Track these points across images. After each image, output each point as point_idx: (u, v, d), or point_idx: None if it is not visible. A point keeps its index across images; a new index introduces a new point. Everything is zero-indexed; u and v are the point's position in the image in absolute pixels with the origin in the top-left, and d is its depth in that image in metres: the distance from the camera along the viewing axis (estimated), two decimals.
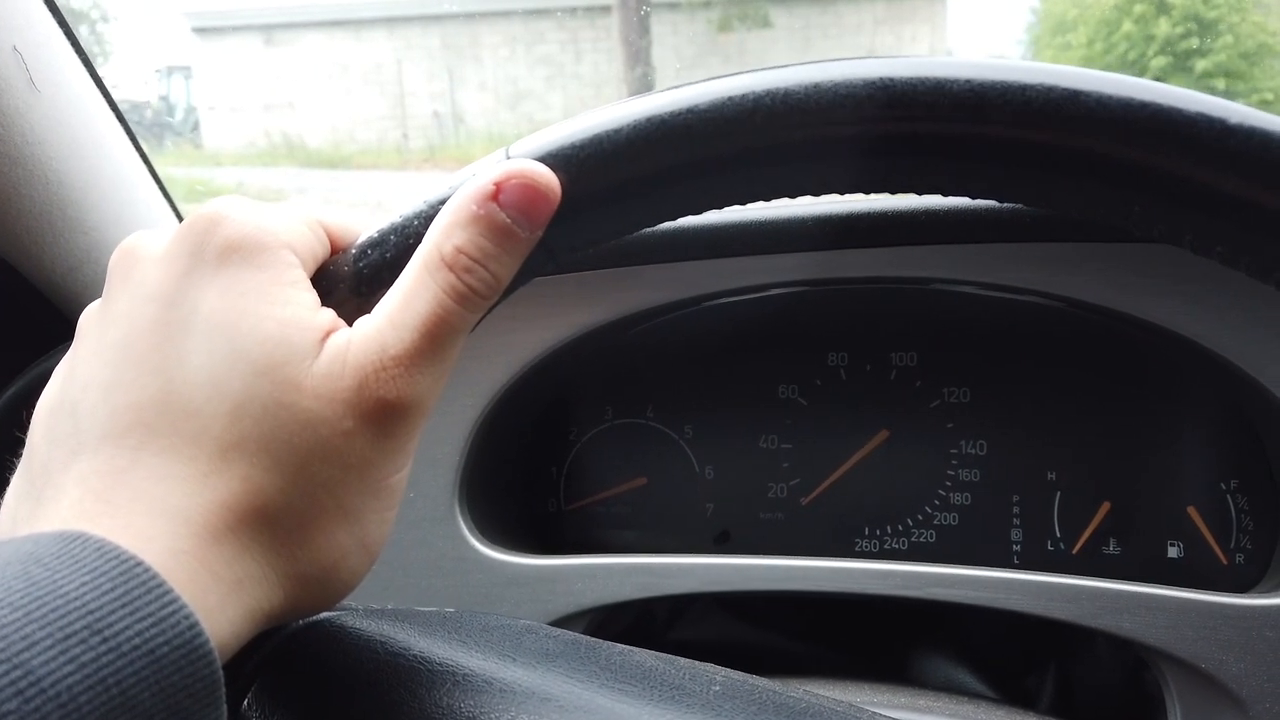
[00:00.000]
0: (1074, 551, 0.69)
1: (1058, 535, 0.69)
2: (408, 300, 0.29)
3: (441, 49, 13.78)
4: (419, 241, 0.31)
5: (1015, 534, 0.70)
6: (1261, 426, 0.62)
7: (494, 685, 0.32)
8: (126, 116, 0.70)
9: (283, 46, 13.64)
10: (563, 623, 0.63)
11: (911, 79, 0.28)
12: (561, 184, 0.30)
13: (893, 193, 0.31)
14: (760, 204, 0.63)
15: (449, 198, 0.30)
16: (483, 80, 13.82)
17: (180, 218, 0.80)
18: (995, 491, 0.71)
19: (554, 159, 0.30)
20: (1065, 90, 0.27)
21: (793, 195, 0.32)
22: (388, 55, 13.60)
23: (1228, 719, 0.55)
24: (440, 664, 0.33)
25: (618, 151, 0.30)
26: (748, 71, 0.29)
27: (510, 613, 0.63)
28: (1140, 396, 0.68)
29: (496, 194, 0.29)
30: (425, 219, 0.31)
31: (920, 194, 0.31)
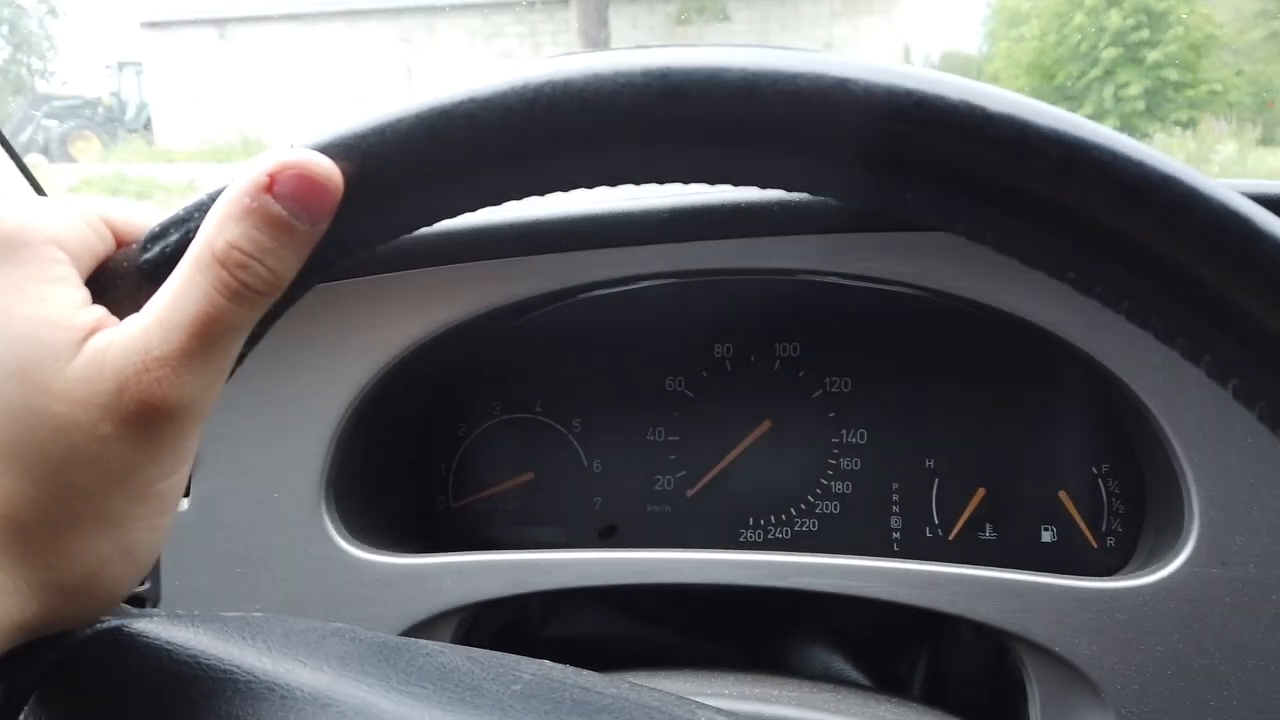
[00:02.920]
0: (950, 538, 0.69)
1: (936, 522, 0.70)
2: (176, 298, 0.28)
3: (400, 43, 13.64)
4: None
5: (895, 521, 0.71)
6: (1123, 413, 0.63)
7: (275, 691, 0.31)
8: (79, 113, 0.68)
9: (238, 40, 13.42)
10: (434, 622, 0.62)
11: (688, 68, 0.27)
12: (346, 174, 0.29)
13: (686, 184, 0.30)
14: (622, 195, 0.63)
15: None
16: (442, 73, 13.66)
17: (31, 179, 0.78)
18: (876, 479, 0.71)
19: (336, 149, 0.29)
20: (834, 78, 0.27)
21: (589, 186, 0.31)
22: (345, 49, 13.45)
23: (1083, 701, 0.56)
24: (225, 670, 0.32)
25: (401, 141, 0.29)
26: (537, 60, 0.29)
27: (377, 614, 0.62)
28: (1014, 384, 0.69)
29: (271, 185, 0.28)
30: (207, 210, 0.30)
31: (711, 185, 0.30)
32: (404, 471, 0.75)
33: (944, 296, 0.60)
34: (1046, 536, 0.68)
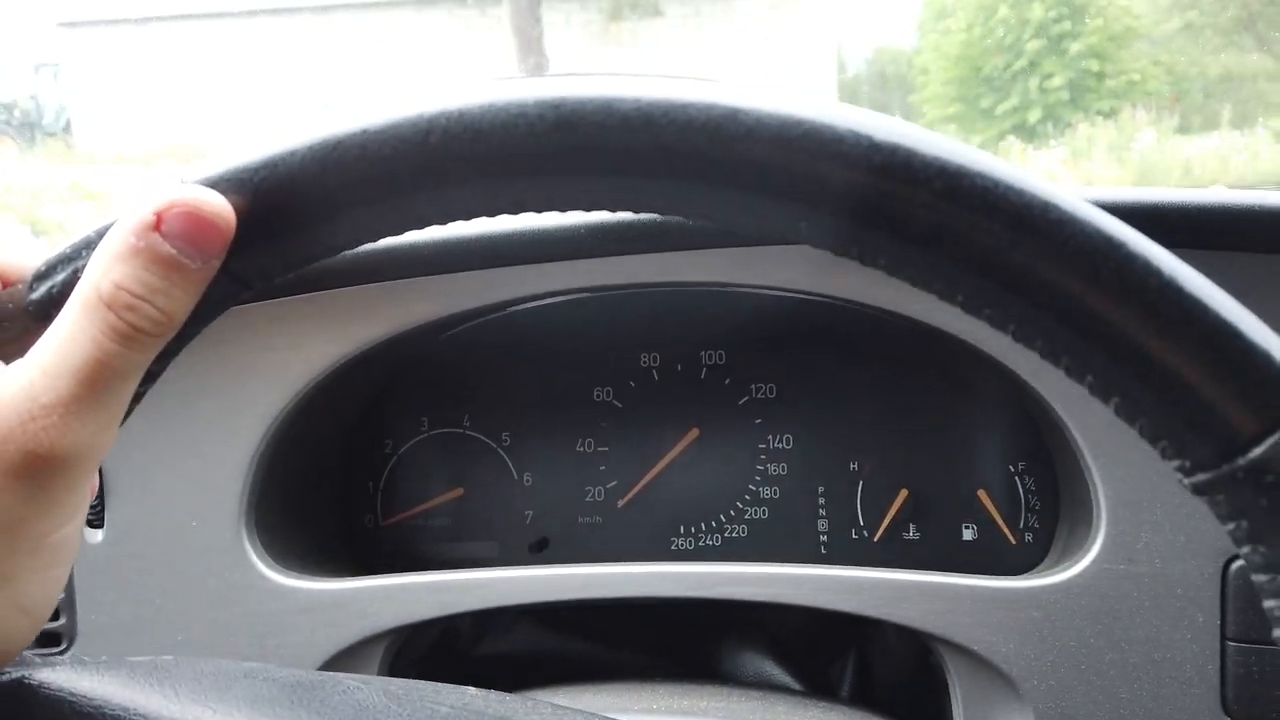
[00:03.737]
0: (875, 539, 0.71)
1: (861, 524, 0.71)
2: (62, 343, 0.27)
3: (329, 40, 13.35)
4: None
5: (822, 525, 0.72)
6: (1035, 415, 0.65)
7: None
8: None
9: (161, 40, 13.00)
10: (362, 646, 0.61)
11: (581, 99, 0.27)
12: (239, 208, 0.28)
13: (586, 211, 0.30)
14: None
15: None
16: (373, 71, 13.45)
17: None
18: (802, 484, 0.72)
19: (228, 183, 0.28)
20: (724, 108, 0.27)
21: (488, 214, 0.31)
22: (274, 47, 13.14)
23: (1003, 697, 0.57)
24: (131, 714, 0.32)
25: (294, 173, 0.28)
26: (431, 93, 0.29)
27: (304, 640, 0.61)
28: (932, 388, 0.70)
29: (158, 224, 0.27)
30: (95, 248, 0.29)
31: (611, 212, 0.30)
32: (331, 491, 0.73)
33: (861, 306, 0.61)
34: (968, 534, 0.70)
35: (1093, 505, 0.57)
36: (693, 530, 0.74)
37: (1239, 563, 0.54)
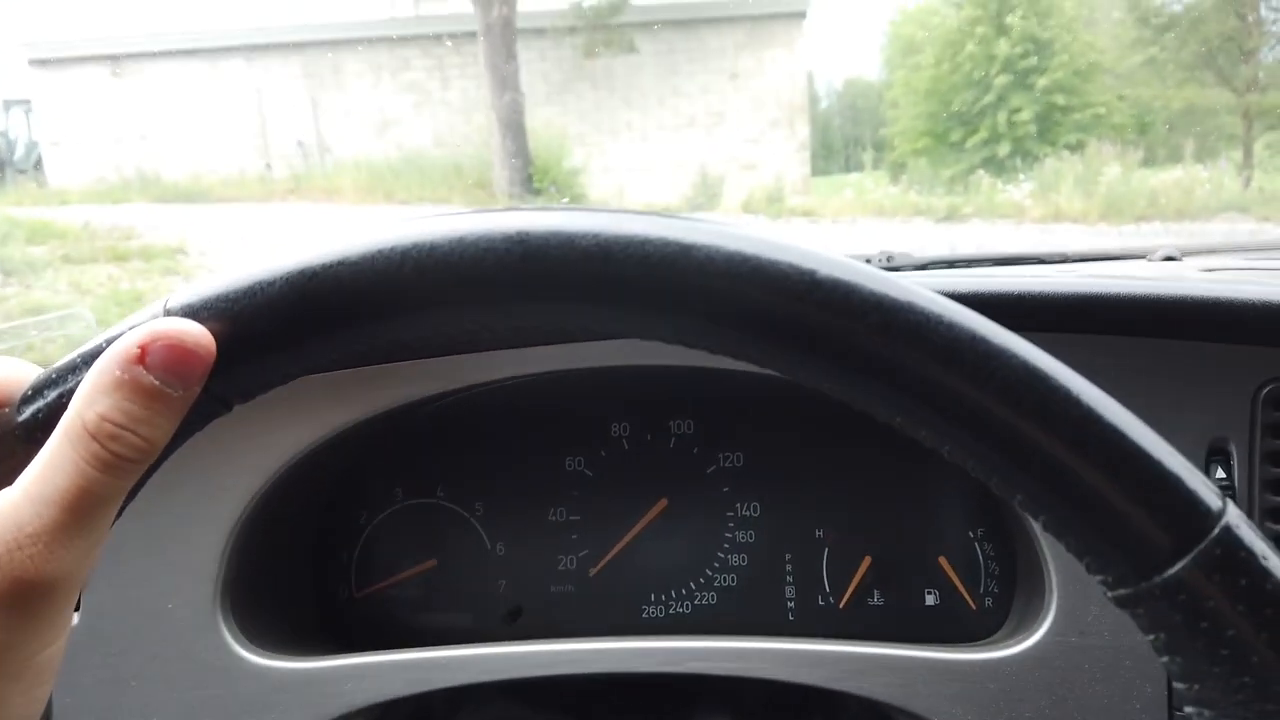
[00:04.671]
0: (841, 605, 0.72)
1: (827, 590, 0.73)
2: (47, 472, 0.28)
3: (303, 78, 13.38)
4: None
5: (789, 591, 0.74)
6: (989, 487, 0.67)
7: None
8: None
9: (132, 78, 12.95)
10: None
11: (545, 232, 0.29)
12: (220, 335, 0.29)
13: (550, 338, 0.32)
14: None
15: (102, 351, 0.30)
16: (348, 108, 13.47)
17: None
18: (769, 551, 0.74)
19: (209, 311, 0.30)
20: (677, 244, 0.29)
21: (458, 336, 0.33)
22: (247, 84, 13.12)
23: None
24: None
25: (272, 302, 0.30)
26: (403, 221, 0.31)
27: (280, 719, 0.62)
28: (894, 455, 0.73)
29: (142, 356, 0.28)
30: (81, 372, 0.30)
31: (577, 340, 0.32)
32: (305, 565, 0.74)
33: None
34: (930, 600, 0.72)
35: (1045, 578, 0.59)
36: (663, 598, 0.75)
37: None
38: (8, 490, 0.29)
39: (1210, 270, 0.81)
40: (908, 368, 0.28)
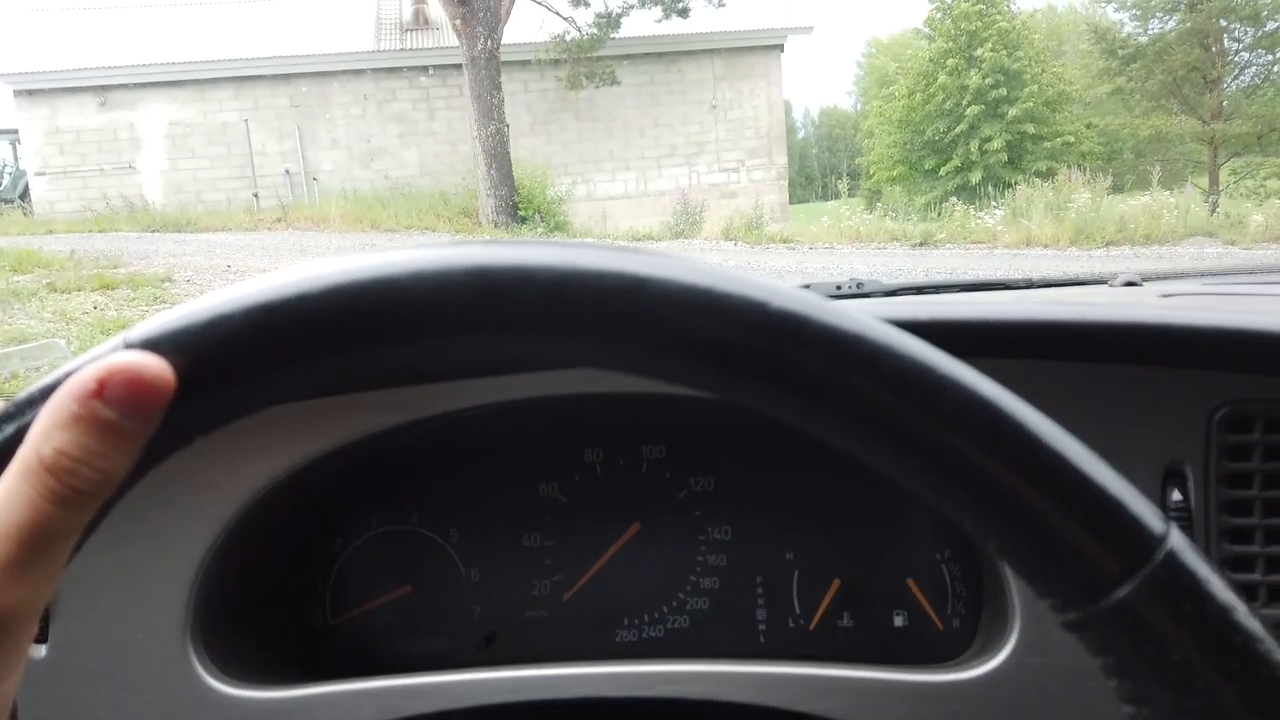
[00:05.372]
0: (811, 627, 0.73)
1: (797, 612, 0.74)
2: (3, 508, 0.28)
3: (291, 108, 13.42)
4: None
5: (760, 614, 0.75)
6: None
7: None
8: None
9: (121, 109, 12.94)
10: None
11: (503, 267, 0.30)
12: (179, 368, 0.30)
13: (512, 368, 0.33)
14: None
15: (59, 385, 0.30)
16: (335, 138, 13.51)
17: None
18: (740, 574, 0.75)
19: (168, 344, 0.30)
20: (632, 277, 0.30)
21: (420, 368, 0.34)
22: (234, 115, 13.13)
23: None
24: None
25: (230, 336, 0.30)
26: (366, 254, 0.31)
27: None
28: (862, 479, 0.74)
29: (100, 390, 0.28)
30: (38, 407, 0.31)
31: (540, 370, 0.33)
32: (278, 592, 0.74)
33: None
34: (898, 621, 0.73)
35: (1008, 600, 0.60)
36: (636, 621, 0.76)
37: None
38: None
39: (1168, 295, 0.83)
40: (858, 398, 0.29)
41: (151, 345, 0.30)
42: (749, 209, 11.84)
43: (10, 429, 0.31)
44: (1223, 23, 14.14)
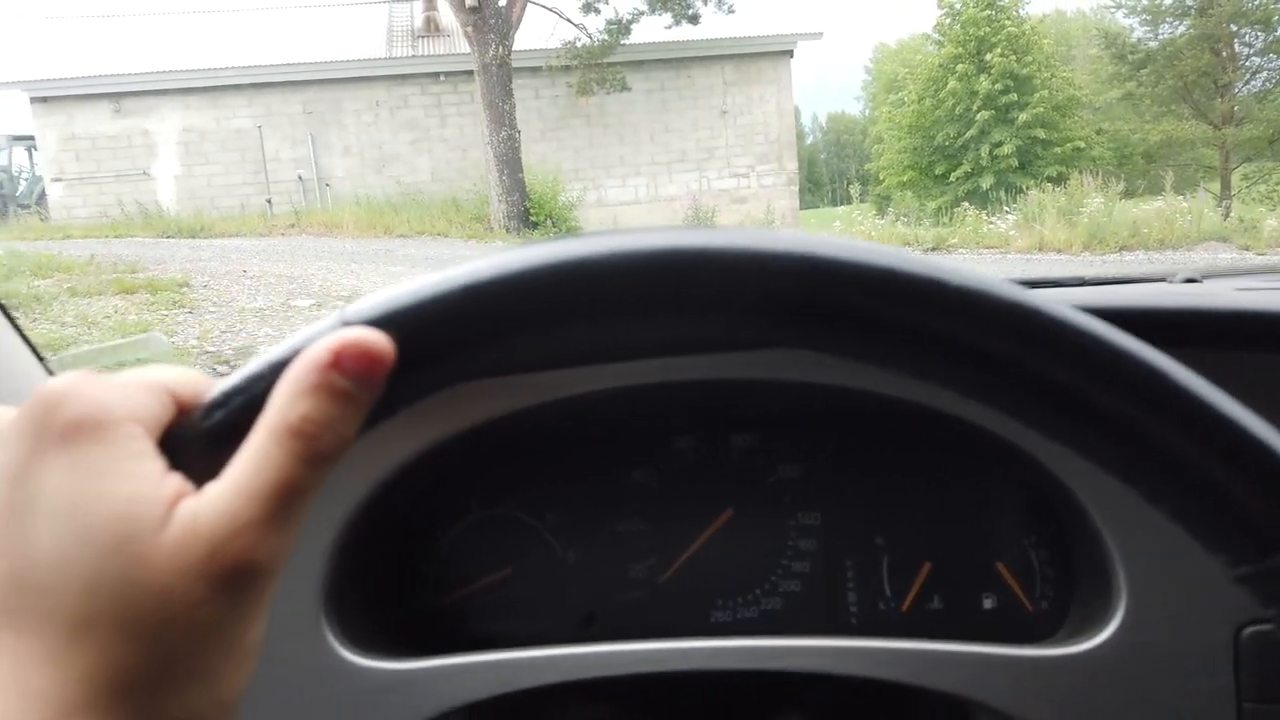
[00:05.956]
0: (903, 609, 0.76)
1: (888, 594, 0.76)
2: (256, 468, 0.31)
3: (304, 115, 13.48)
4: (263, 401, 0.33)
5: (851, 596, 0.77)
6: (1050, 495, 0.71)
7: None
8: None
9: (135, 116, 13.03)
10: None
11: (689, 249, 0.33)
12: (395, 344, 0.33)
13: (684, 352, 0.35)
14: None
15: (291, 359, 0.33)
16: (347, 145, 13.56)
17: (28, 342, 0.79)
18: (831, 558, 0.77)
19: (387, 322, 0.33)
20: (799, 255, 0.32)
21: (601, 346, 0.36)
22: (248, 122, 13.20)
23: None
24: None
25: (443, 314, 0.33)
26: (558, 240, 0.34)
27: (382, 718, 0.64)
28: (951, 467, 0.76)
29: (337, 362, 0.31)
30: (267, 380, 0.33)
31: (698, 352, 0.35)
32: (388, 574, 0.77)
33: (879, 398, 0.67)
34: (988, 603, 0.75)
35: (1111, 579, 0.62)
36: (730, 603, 0.78)
37: (1251, 629, 0.60)
38: (219, 484, 0.31)
39: (1244, 290, 0.85)
40: (1048, 374, 0.30)
41: (370, 322, 0.33)
42: (760, 214, 11.87)
43: (239, 402, 0.34)
44: (1233, 27, 14.14)
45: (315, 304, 5.87)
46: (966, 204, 12.28)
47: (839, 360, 0.34)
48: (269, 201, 12.73)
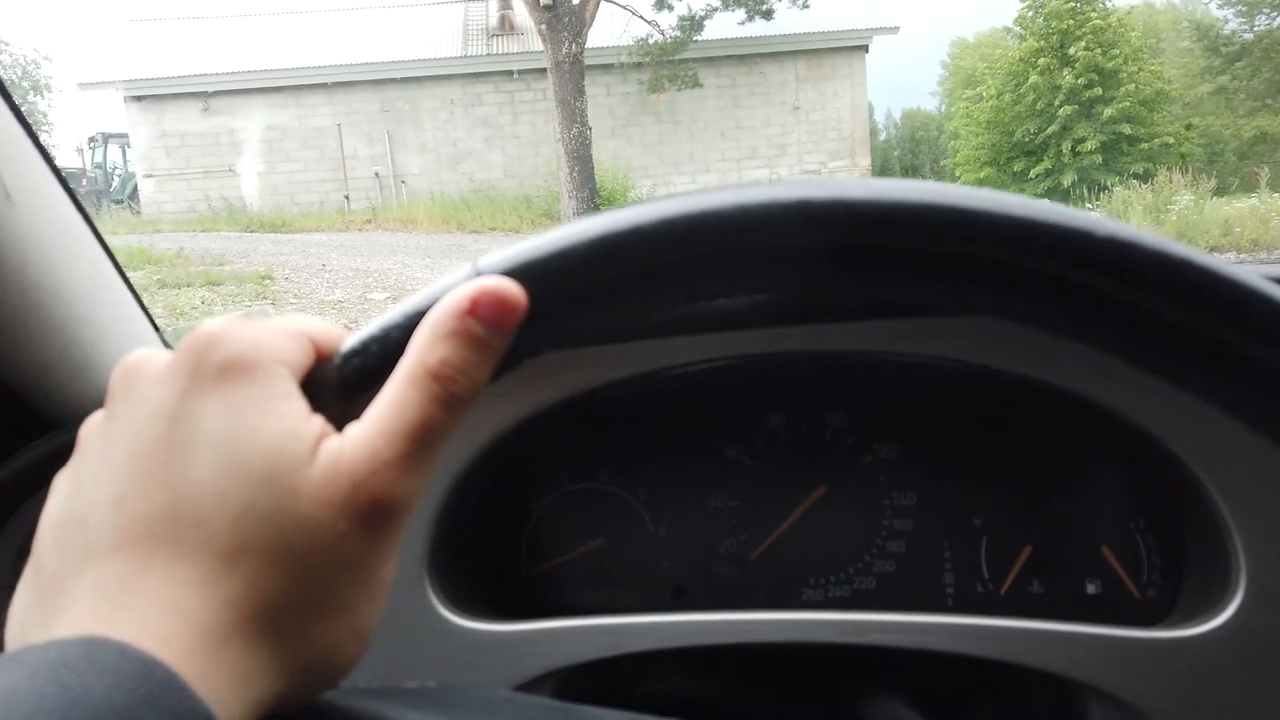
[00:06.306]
0: (1002, 592, 0.74)
1: (986, 577, 0.75)
2: (395, 410, 0.32)
3: (381, 113, 13.80)
4: (398, 349, 0.34)
5: (948, 577, 0.76)
6: (1163, 471, 0.69)
7: None
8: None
9: (222, 114, 13.51)
10: (530, 685, 0.66)
11: (826, 200, 0.33)
12: (526, 295, 0.33)
13: (815, 299, 0.36)
14: None
15: (425, 309, 0.34)
16: (423, 142, 13.85)
17: (146, 312, 0.83)
18: (927, 539, 0.76)
19: (520, 273, 0.34)
20: (960, 209, 0.32)
21: (729, 297, 0.36)
22: (328, 120, 13.58)
23: None
24: None
25: (575, 266, 0.33)
26: (683, 195, 0.34)
27: (480, 678, 0.66)
28: (1054, 446, 0.75)
29: (473, 310, 0.32)
30: (403, 329, 0.34)
31: (839, 303, 0.35)
32: (484, 541, 0.78)
33: (988, 372, 0.66)
34: (1091, 589, 0.73)
35: (1230, 559, 0.60)
36: (822, 582, 0.78)
37: None
38: (360, 424, 0.32)
39: None
40: (1201, 325, 0.30)
41: (505, 273, 0.34)
42: None
43: (378, 348, 0.35)
44: None
45: (390, 297, 6.01)
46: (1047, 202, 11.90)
47: (1011, 326, 0.33)
48: (347, 198, 13.07)
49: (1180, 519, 0.70)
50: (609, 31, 12.09)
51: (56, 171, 0.66)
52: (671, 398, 0.79)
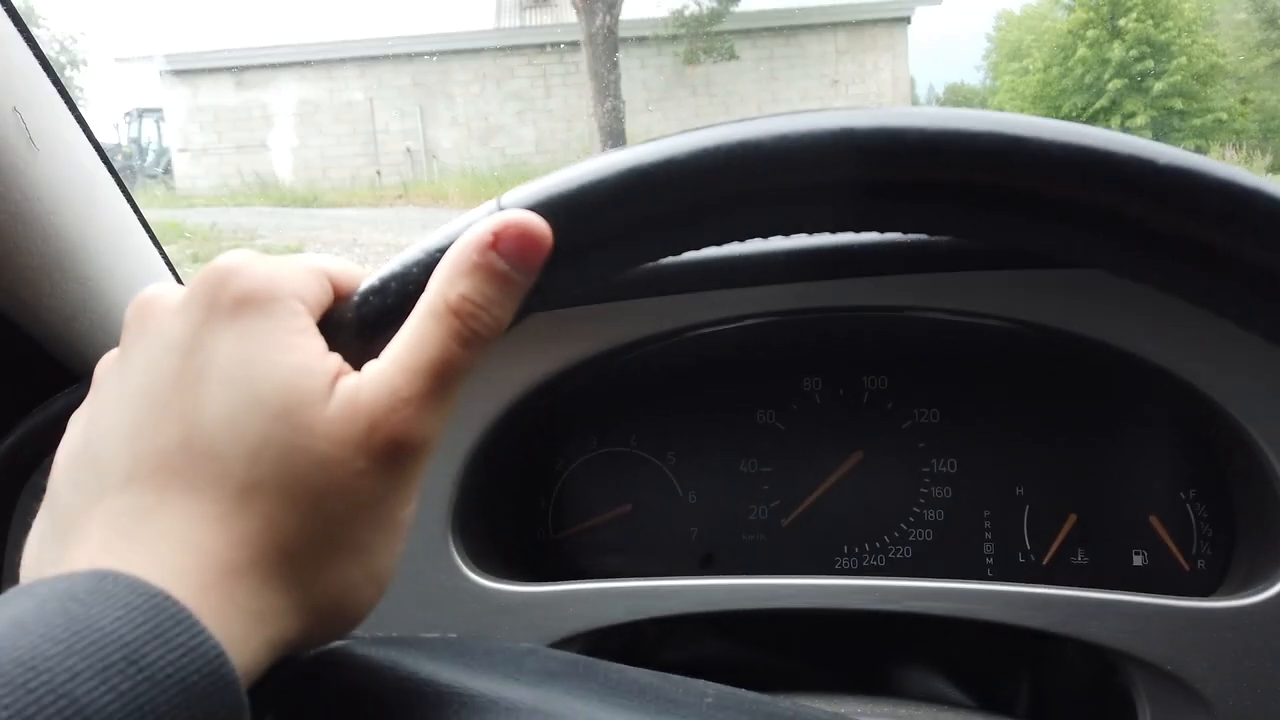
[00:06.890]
0: (1044, 562, 0.72)
1: (1028, 547, 0.72)
2: (415, 346, 0.31)
3: (413, 87, 13.82)
4: (418, 288, 0.32)
5: (988, 547, 0.73)
6: (1216, 438, 0.66)
7: (499, 704, 0.34)
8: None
9: (255, 88, 13.61)
10: (555, 648, 0.64)
11: (870, 129, 0.31)
12: (552, 231, 0.32)
13: (857, 231, 0.34)
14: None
15: (447, 247, 0.32)
16: (454, 116, 13.86)
17: (169, 262, 0.82)
18: (967, 507, 0.74)
19: (545, 208, 0.32)
20: (1009, 136, 0.30)
21: (764, 235, 0.34)
22: (359, 94, 13.63)
23: (1195, 717, 0.57)
24: (447, 686, 0.35)
25: (603, 200, 0.32)
26: (717, 125, 0.32)
27: (506, 639, 0.65)
28: (1102, 412, 0.72)
29: (496, 243, 0.31)
30: (423, 266, 0.33)
31: (881, 233, 0.33)
32: (509, 504, 0.77)
33: (1035, 329, 0.63)
34: (1138, 560, 0.71)
35: None
36: (856, 550, 0.76)
37: None
38: (378, 361, 0.31)
39: None
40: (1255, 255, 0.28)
41: (530, 207, 0.32)
42: None
43: (398, 286, 0.34)
44: None
45: None
46: None
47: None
48: (378, 173, 13.13)
49: (1230, 487, 0.67)
50: (643, 3, 11.97)
51: (81, 120, 0.65)
52: (703, 360, 0.77)
